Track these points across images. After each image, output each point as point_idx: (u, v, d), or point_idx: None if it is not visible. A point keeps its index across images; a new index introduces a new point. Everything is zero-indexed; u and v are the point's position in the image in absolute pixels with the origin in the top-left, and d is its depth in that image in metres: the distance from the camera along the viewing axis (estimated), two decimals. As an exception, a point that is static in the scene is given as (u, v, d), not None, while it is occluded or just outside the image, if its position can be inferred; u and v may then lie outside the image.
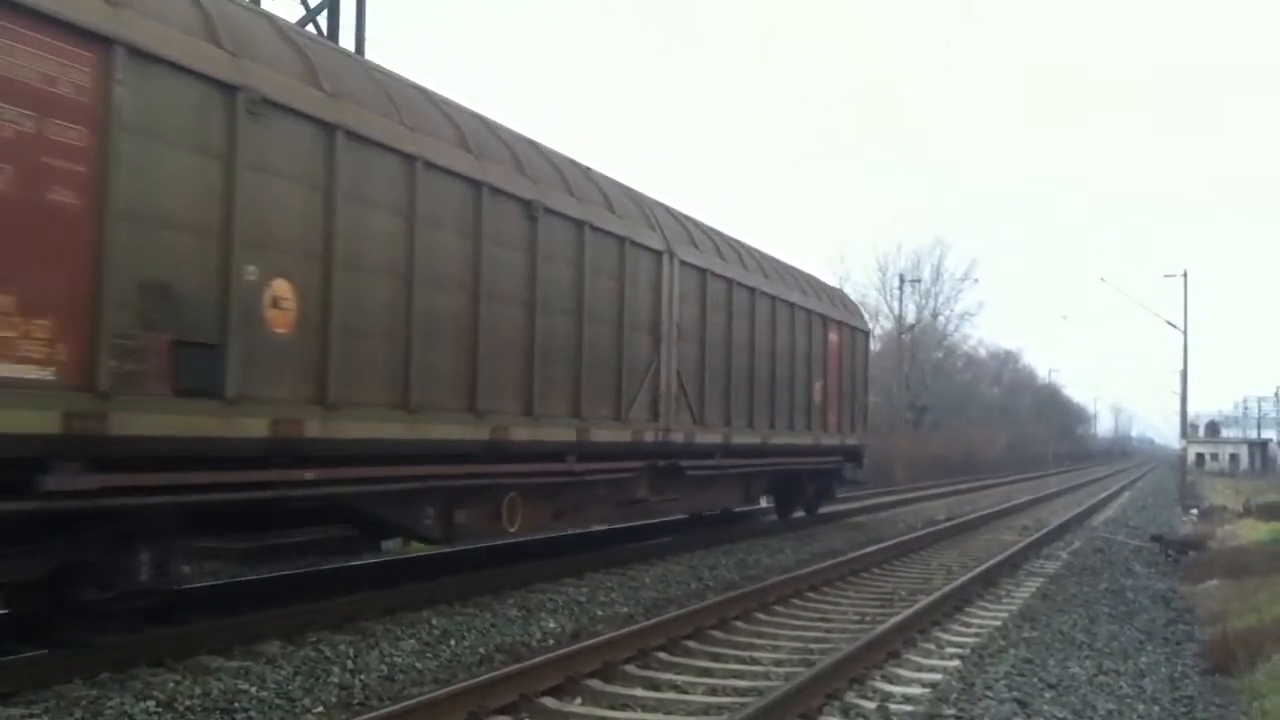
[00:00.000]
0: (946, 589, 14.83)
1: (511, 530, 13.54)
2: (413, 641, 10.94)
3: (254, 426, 9.45)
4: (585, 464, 14.75)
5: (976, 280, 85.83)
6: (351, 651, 10.33)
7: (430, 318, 11.70)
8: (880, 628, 11.73)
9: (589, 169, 16.11)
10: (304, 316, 10.03)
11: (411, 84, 12.43)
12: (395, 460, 11.25)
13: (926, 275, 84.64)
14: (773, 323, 21.71)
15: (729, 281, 19.64)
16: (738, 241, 21.85)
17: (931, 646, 11.77)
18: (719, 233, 21.02)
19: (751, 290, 20.67)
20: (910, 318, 77.05)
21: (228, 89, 9.30)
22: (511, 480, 13.36)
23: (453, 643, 11.04)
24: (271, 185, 9.75)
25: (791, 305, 22.81)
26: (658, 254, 16.92)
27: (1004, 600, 15.20)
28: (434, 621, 11.83)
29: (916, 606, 13.24)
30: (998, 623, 13.22)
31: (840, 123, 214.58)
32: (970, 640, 12.12)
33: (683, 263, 17.73)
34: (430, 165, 11.69)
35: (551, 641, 11.37)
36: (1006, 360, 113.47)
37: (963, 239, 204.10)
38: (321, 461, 10.25)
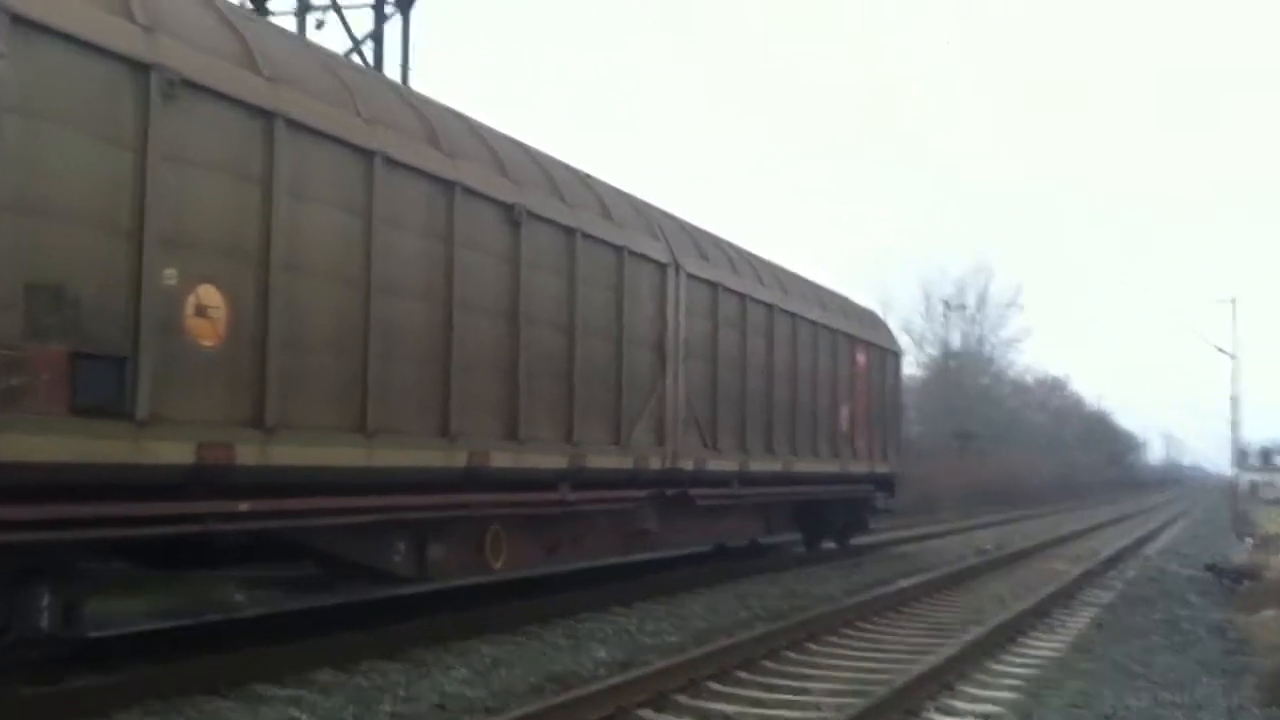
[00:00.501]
0: (999, 619, 14.61)
1: (496, 566, 12.23)
2: (464, 670, 10.76)
3: (171, 451, 8.11)
4: (580, 493, 13.28)
5: (1022, 306, 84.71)
6: (403, 680, 10.20)
7: (391, 328, 10.35)
8: (933, 658, 11.56)
9: (588, 175, 14.91)
10: (236, 326, 8.71)
11: (376, 75, 11.46)
12: (352, 490, 9.90)
13: (971, 301, 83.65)
14: (793, 342, 20.20)
15: (743, 297, 18.16)
16: (752, 255, 20.36)
17: (986, 678, 11.48)
18: (731, 245, 19.60)
19: (768, 307, 19.17)
20: (955, 344, 76.00)
21: (139, 68, 8.04)
22: (494, 511, 12.02)
23: (504, 671, 10.83)
24: (195, 178, 8.47)
25: (814, 324, 21.25)
26: (661, 266, 15.52)
27: (1058, 631, 14.84)
28: (484, 650, 11.69)
29: (969, 637, 13.08)
30: (1053, 654, 12.94)
31: (843, 123, 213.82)
32: (1025, 671, 11.81)
33: (690, 276, 16.32)
34: (392, 161, 10.40)
35: (602, 671, 11.11)
36: (1054, 387, 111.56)
37: (1008, 261, 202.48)
38: (260, 491, 8.89)
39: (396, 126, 10.76)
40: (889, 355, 26.27)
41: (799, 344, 20.37)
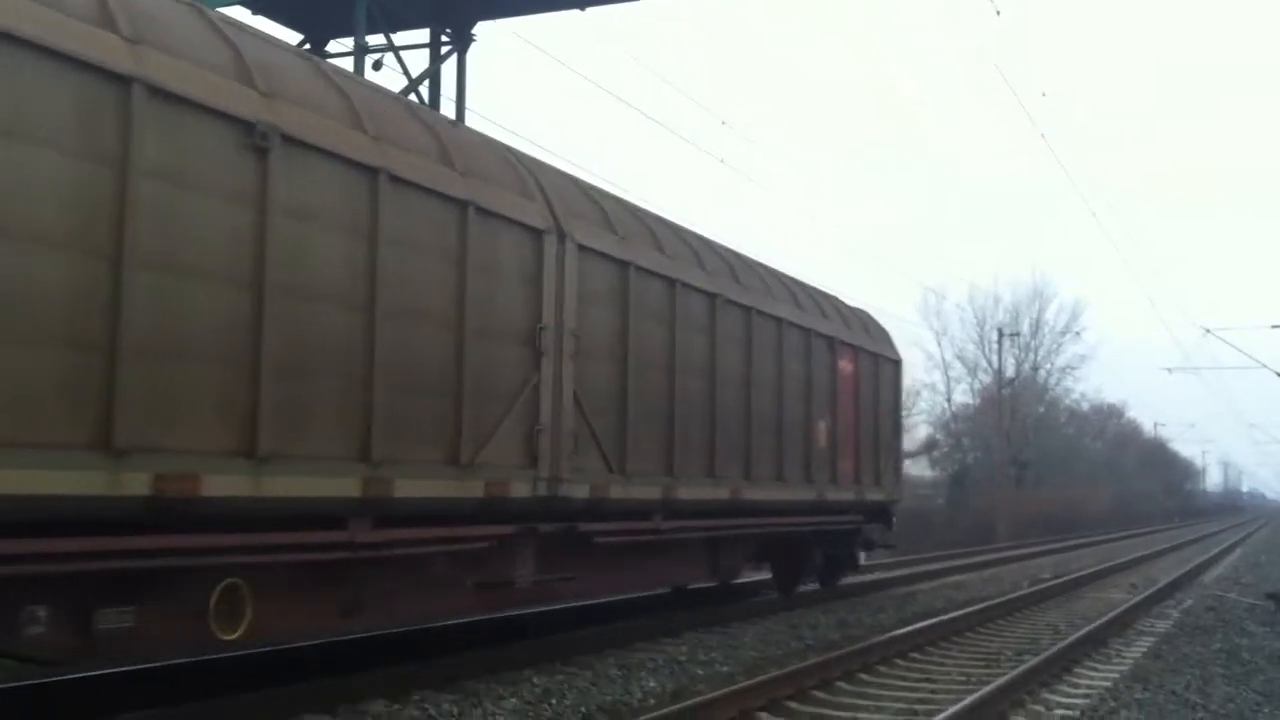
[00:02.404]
0: (1054, 649, 14.02)
1: (231, 637, 8.23)
2: (515, 700, 10.45)
3: None
4: (390, 531, 9.40)
5: (1078, 333, 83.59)
6: (455, 710, 9.90)
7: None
8: (986, 688, 11.09)
9: (414, 104, 11.58)
10: None
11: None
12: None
13: (1025, 328, 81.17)
14: (746, 341, 15.79)
15: (671, 282, 13.86)
16: (691, 232, 16.09)
17: (1040, 709, 11.05)
18: (660, 218, 15.27)
19: (710, 296, 14.82)
20: (1010, 371, 75.07)
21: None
22: (229, 560, 8.02)
23: (554, 701, 10.54)
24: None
25: (778, 320, 16.84)
26: (536, 233, 11.37)
27: (1114, 660, 14.28)
28: (535, 680, 11.30)
29: (1024, 667, 12.51)
30: (1108, 684, 12.41)
31: (875, 132, 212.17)
32: (1080, 702, 11.32)
33: (585, 249, 12.16)
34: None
35: (652, 701, 10.86)
36: (1110, 414, 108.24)
37: (1067, 281, 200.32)
38: None
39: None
40: (885, 363, 21.70)
41: (755, 344, 16.00)
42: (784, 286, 18.17)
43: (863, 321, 21.51)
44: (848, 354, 19.65)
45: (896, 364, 22.59)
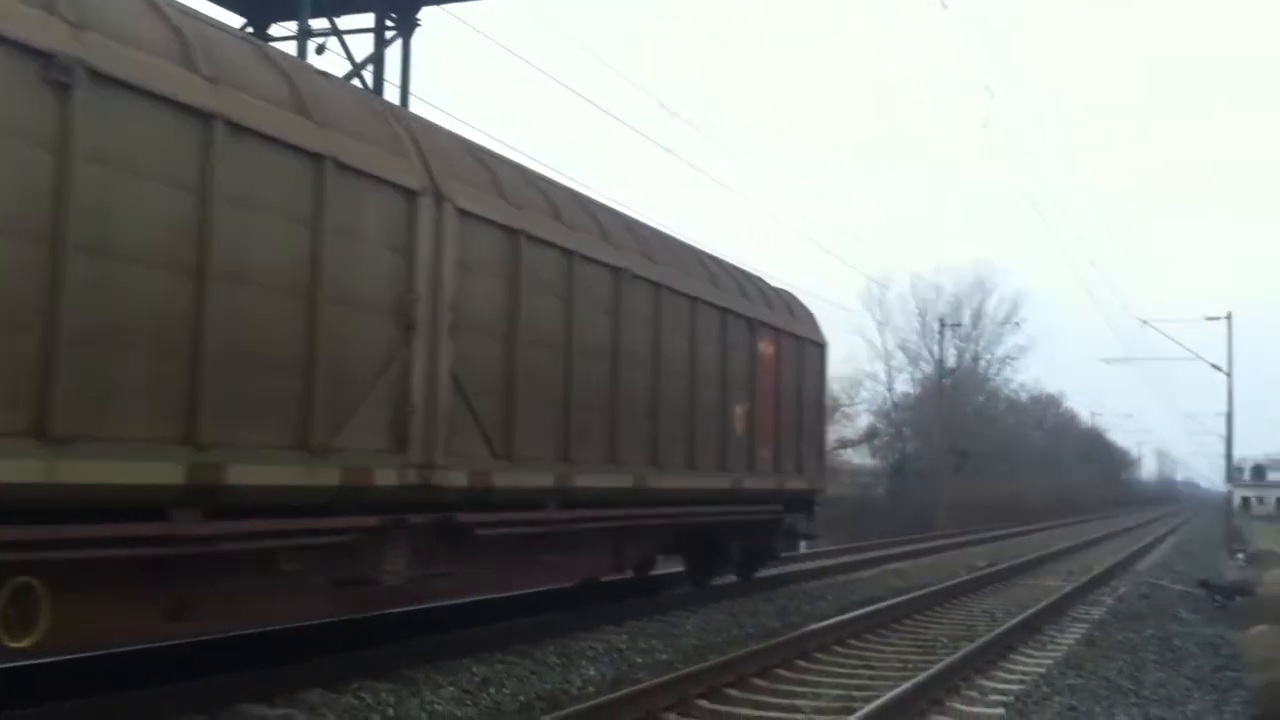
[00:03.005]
0: (990, 636, 14.13)
1: (22, 644, 7.04)
2: (453, 689, 10.31)
3: None
4: (214, 525, 8.23)
5: (1018, 324, 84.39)
6: (392, 699, 9.73)
7: None
8: (923, 675, 11.11)
9: (265, 46, 10.21)
10: None
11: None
12: None
13: (967, 319, 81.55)
14: (655, 320, 14.67)
15: (568, 253, 12.70)
16: (597, 203, 14.87)
17: (975, 694, 11.16)
18: (561, 186, 14.07)
19: (614, 270, 13.66)
20: (951, 362, 75.53)
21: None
22: (17, 557, 6.85)
23: (493, 690, 10.46)
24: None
25: (691, 299, 15.72)
26: (409, 194, 10.19)
27: (1049, 647, 14.42)
28: (474, 669, 11.15)
29: (960, 653, 12.63)
30: (1042, 670, 12.53)
31: (841, 122, 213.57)
32: (1014, 688, 11.42)
33: (465, 213, 10.94)
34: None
35: (592, 689, 10.80)
36: (1049, 404, 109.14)
37: (1007, 271, 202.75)
38: None
39: None
40: (809, 347, 20.46)
41: (666, 323, 14.88)
42: (699, 263, 17.04)
43: (786, 303, 20.35)
44: (768, 336, 18.48)
45: (821, 347, 21.41)
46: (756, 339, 17.92)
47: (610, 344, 13.54)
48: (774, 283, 20.74)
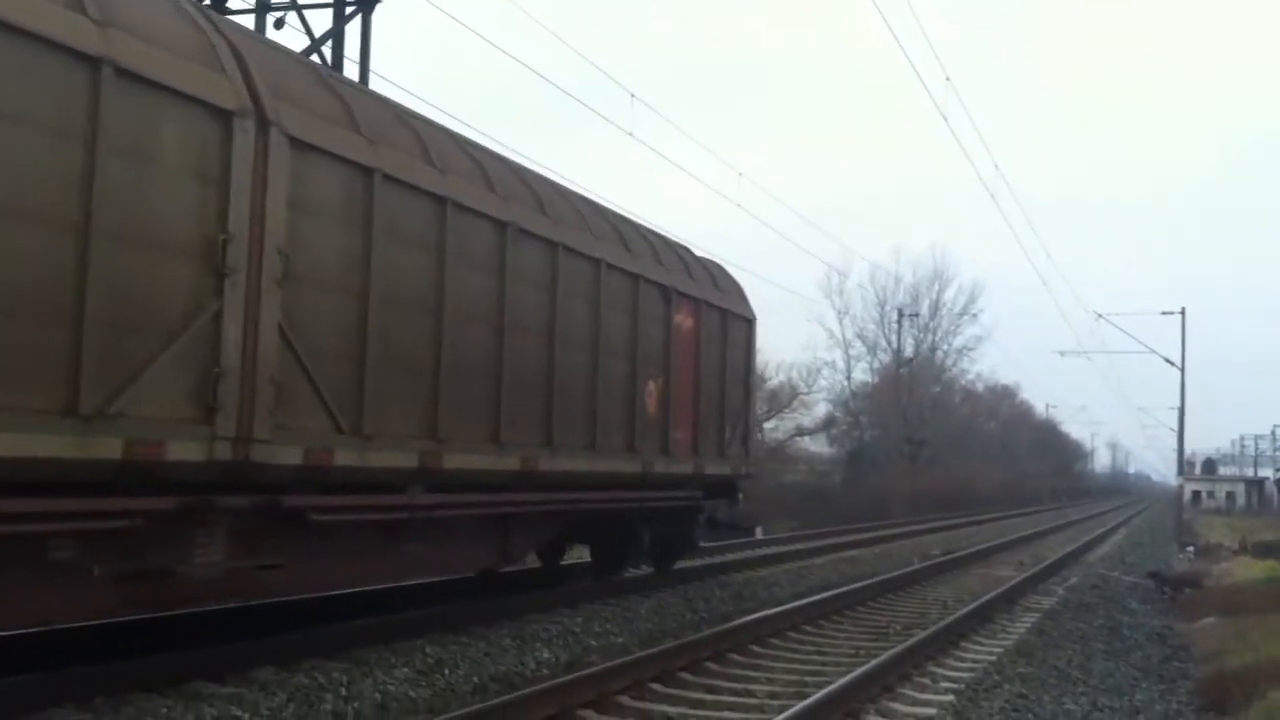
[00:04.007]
0: (942, 624, 14.20)
1: None
2: (407, 670, 10.25)
3: None
4: None
5: (975, 315, 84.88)
6: (345, 679, 9.67)
7: None
8: (874, 661, 11.21)
9: None
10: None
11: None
12: None
13: (925, 309, 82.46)
14: (550, 283, 13.09)
15: (440, 200, 11.08)
16: (485, 149, 13.36)
17: (926, 681, 11.24)
18: (440, 126, 12.66)
19: (499, 224, 12.04)
20: (909, 351, 75.96)
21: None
22: None
23: (447, 672, 10.39)
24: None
25: (596, 261, 14.08)
26: (222, 115, 8.58)
27: (999, 636, 14.54)
28: (428, 650, 11.03)
29: (911, 641, 12.69)
30: (993, 658, 12.64)
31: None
32: (965, 675, 11.55)
33: (301, 144, 9.29)
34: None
35: (546, 672, 10.82)
36: (1004, 395, 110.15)
37: (963, 264, 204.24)
38: None
39: None
40: (735, 321, 18.81)
41: (561, 287, 13.25)
42: (608, 224, 15.31)
43: (710, 273, 18.77)
44: (688, 307, 16.98)
45: (749, 322, 19.73)
46: (673, 310, 16.43)
47: (494, 307, 12.02)
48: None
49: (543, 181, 14.17)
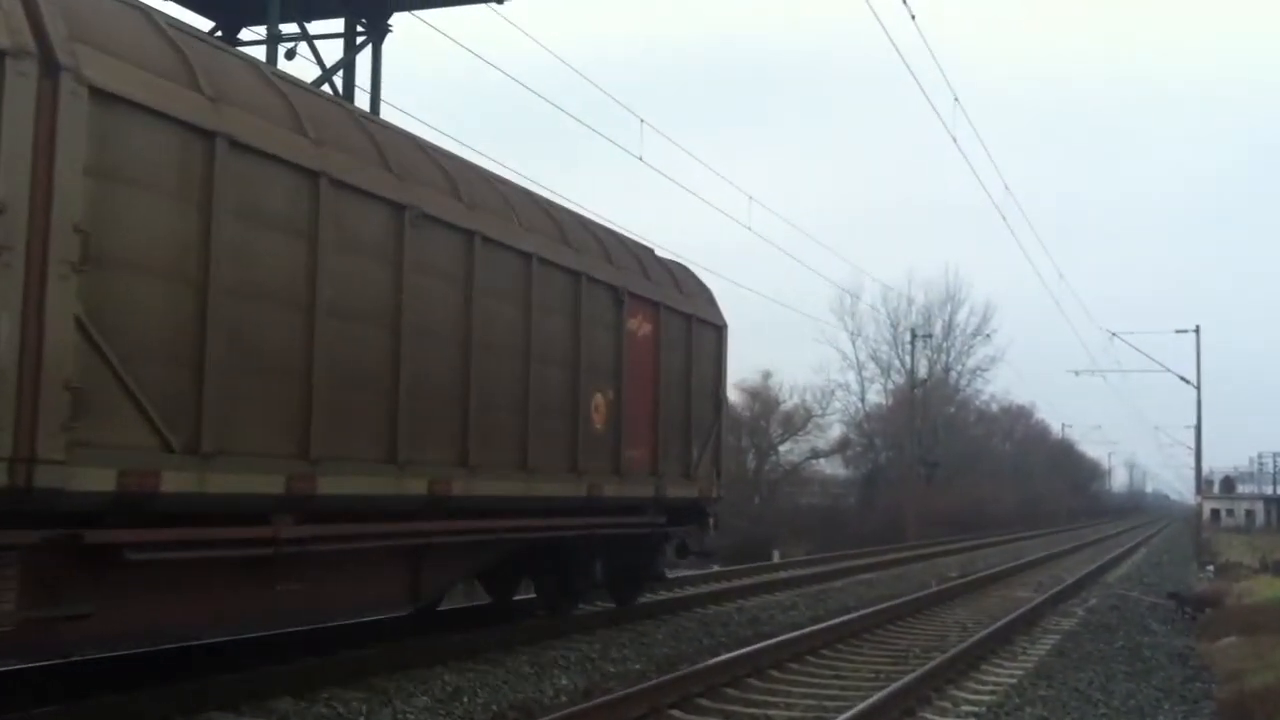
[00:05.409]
0: (962, 646, 14.14)
1: None
2: (425, 698, 10.15)
3: None
4: None
5: (989, 335, 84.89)
6: (364, 708, 9.59)
7: None
8: (894, 685, 11.11)
9: None
10: None
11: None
12: None
13: (938, 330, 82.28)
14: (466, 279, 11.40)
15: (313, 177, 9.38)
16: (378, 119, 12.40)
17: (947, 704, 11.18)
18: (321, 93, 11.50)
19: (396, 208, 10.38)
20: (922, 372, 75.88)
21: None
22: None
23: (465, 699, 10.30)
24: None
25: (525, 255, 12.40)
26: None
27: (1020, 658, 14.46)
28: (446, 678, 11.00)
29: (931, 664, 12.59)
30: (1014, 680, 12.58)
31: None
32: (985, 698, 11.48)
33: (107, 96, 7.61)
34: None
35: (564, 698, 10.70)
36: (1019, 416, 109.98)
37: (976, 285, 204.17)
38: None
39: None
40: (703, 328, 16.95)
41: (480, 283, 11.53)
42: (544, 214, 13.61)
43: (672, 274, 16.85)
44: (644, 311, 15.17)
45: (719, 330, 17.86)
46: (626, 314, 14.60)
47: (388, 305, 10.32)
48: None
49: (460, 163, 12.44)
